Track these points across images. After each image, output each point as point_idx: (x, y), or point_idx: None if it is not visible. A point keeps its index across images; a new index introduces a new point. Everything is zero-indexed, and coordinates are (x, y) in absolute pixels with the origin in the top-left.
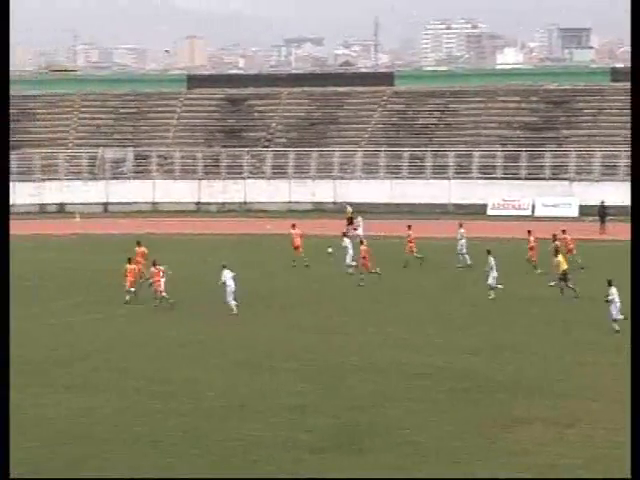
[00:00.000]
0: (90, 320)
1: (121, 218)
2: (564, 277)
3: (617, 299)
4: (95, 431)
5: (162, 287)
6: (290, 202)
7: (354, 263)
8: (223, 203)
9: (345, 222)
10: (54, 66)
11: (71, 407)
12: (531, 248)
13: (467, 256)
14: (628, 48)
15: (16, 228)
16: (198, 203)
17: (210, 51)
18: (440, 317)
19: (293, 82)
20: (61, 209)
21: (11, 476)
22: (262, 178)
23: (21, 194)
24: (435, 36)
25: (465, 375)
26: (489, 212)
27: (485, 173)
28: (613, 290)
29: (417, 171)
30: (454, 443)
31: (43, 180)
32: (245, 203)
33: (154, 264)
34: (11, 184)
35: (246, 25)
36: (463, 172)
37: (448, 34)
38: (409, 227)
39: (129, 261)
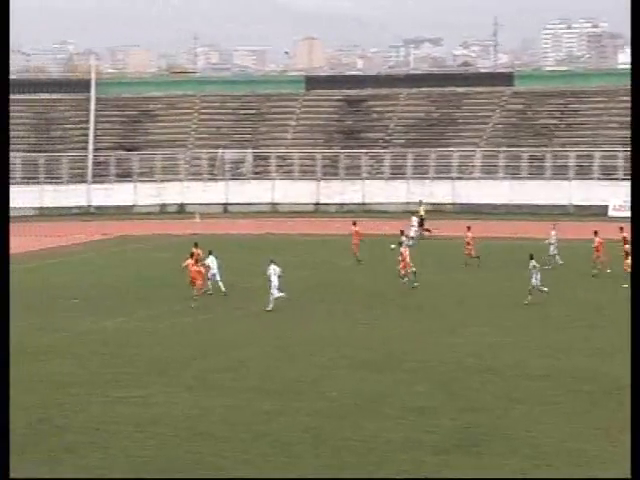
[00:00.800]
0: (206, 320)
1: (240, 219)
2: None
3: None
4: (214, 430)
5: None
6: (408, 203)
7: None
8: (341, 204)
9: (416, 221)
10: (175, 68)
11: (190, 406)
12: (596, 249)
13: (557, 257)
14: None
15: (137, 228)
16: (317, 204)
17: (329, 52)
18: (540, 319)
19: (412, 83)
20: (181, 209)
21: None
22: (380, 179)
23: (142, 194)
24: (555, 36)
25: (588, 377)
26: (610, 213)
27: (606, 174)
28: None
29: (537, 172)
30: (576, 446)
31: (163, 181)
32: (363, 204)
33: (196, 261)
34: (132, 184)
35: (365, 26)
36: (583, 173)
37: (568, 34)
38: (468, 228)
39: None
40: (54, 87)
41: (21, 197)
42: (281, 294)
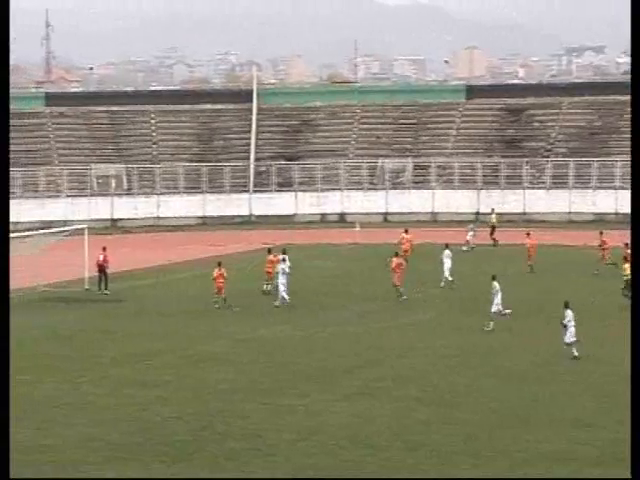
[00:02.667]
0: (368, 329)
1: (400, 228)
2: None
3: (572, 323)
4: (374, 439)
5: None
6: (570, 213)
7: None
8: (502, 213)
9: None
10: (335, 78)
11: (350, 414)
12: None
13: None
14: None
15: (298, 237)
16: (477, 213)
17: (490, 61)
18: None
19: (574, 91)
20: (341, 219)
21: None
22: (541, 188)
23: (303, 204)
24: None
25: None
26: None
27: None
28: (569, 313)
29: None
30: None
31: (324, 190)
32: (524, 213)
33: (219, 265)
34: (293, 194)
35: (526, 34)
36: None
37: None
38: (601, 233)
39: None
40: (217, 98)
41: (185, 206)
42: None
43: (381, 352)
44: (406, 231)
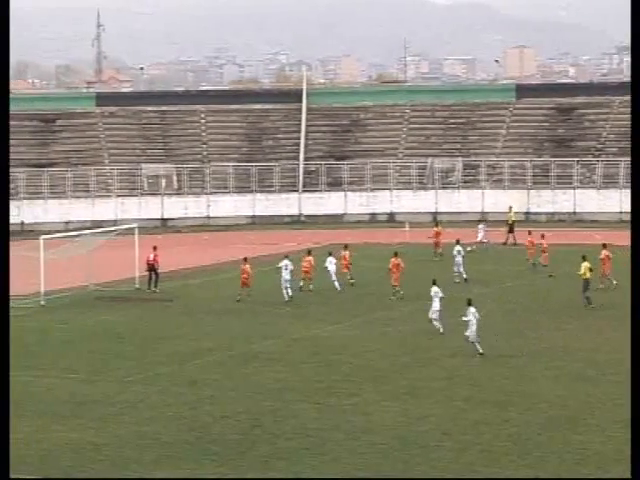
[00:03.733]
0: (418, 329)
1: (449, 227)
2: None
3: (474, 320)
4: (424, 439)
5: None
6: (621, 212)
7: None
8: (552, 213)
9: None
10: (385, 77)
11: (401, 414)
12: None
13: None
14: None
15: (347, 237)
16: (527, 213)
17: (540, 60)
18: None
19: (625, 90)
20: (391, 218)
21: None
22: (592, 188)
23: (352, 203)
24: None
25: None
26: None
27: None
28: (471, 310)
29: None
30: None
31: (373, 190)
32: (574, 213)
33: (245, 260)
34: (343, 193)
35: (577, 33)
36: None
37: None
38: (542, 236)
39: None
40: (266, 97)
41: (234, 206)
42: (287, 291)
43: (431, 352)
44: (436, 224)
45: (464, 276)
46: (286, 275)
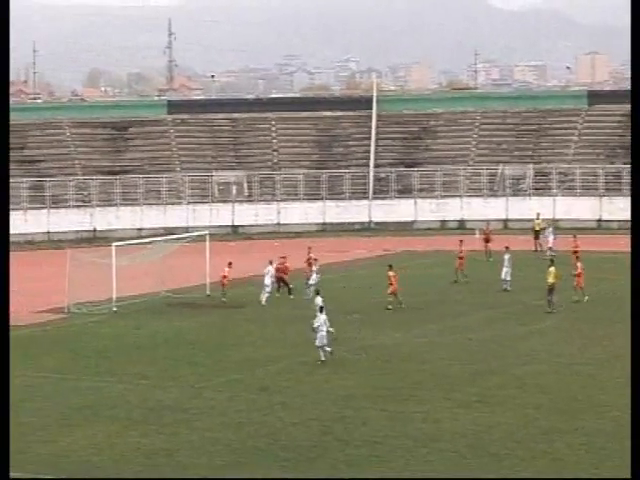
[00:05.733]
0: (489, 336)
1: (520, 234)
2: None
3: (324, 327)
4: (495, 447)
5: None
6: None
7: (508, 279)
8: (625, 220)
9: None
10: (455, 84)
11: (471, 422)
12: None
13: None
14: None
15: (418, 244)
16: (599, 220)
17: (612, 67)
18: None
19: None
20: (461, 225)
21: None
22: None
23: (423, 210)
24: None
25: None
26: None
27: None
28: (321, 317)
29: None
30: None
31: (444, 197)
32: None
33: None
34: (413, 200)
35: None
36: None
37: None
38: (460, 242)
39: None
40: (337, 105)
41: (304, 213)
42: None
43: (502, 359)
44: (486, 231)
45: (505, 286)
46: (267, 280)
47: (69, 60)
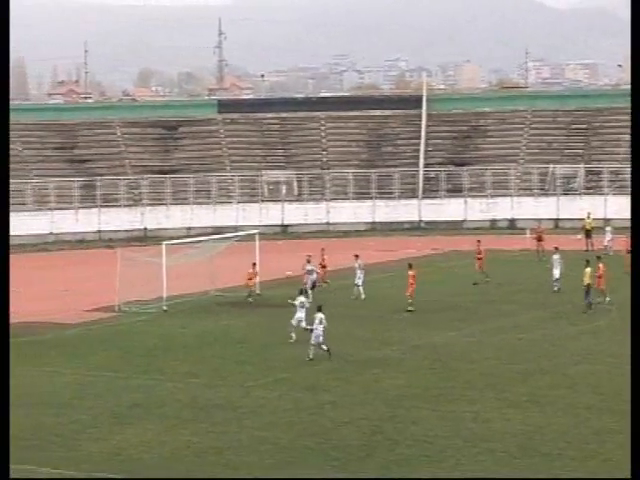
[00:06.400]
0: (538, 336)
1: (571, 234)
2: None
3: (321, 326)
4: (546, 447)
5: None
6: None
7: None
8: None
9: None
10: (505, 83)
11: (522, 422)
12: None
13: None
14: None
15: (467, 243)
16: None
17: None
18: None
19: None
20: (511, 225)
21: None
22: None
23: (473, 210)
24: None
25: None
26: None
27: None
28: (319, 315)
29: None
30: None
31: (494, 196)
32: None
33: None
34: (463, 200)
35: None
36: None
37: None
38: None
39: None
40: (386, 104)
41: (354, 212)
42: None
43: (554, 359)
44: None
45: (557, 285)
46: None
47: (120, 60)
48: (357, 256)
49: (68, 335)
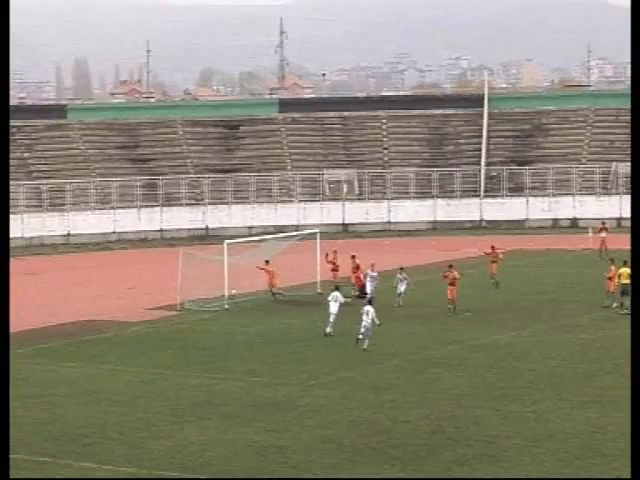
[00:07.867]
0: (600, 336)
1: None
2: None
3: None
4: (607, 448)
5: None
6: None
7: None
8: None
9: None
10: (568, 81)
11: (584, 422)
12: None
13: None
14: None
15: (529, 243)
16: None
17: None
18: None
19: None
20: (574, 224)
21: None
22: None
23: (534, 209)
24: None
25: None
26: None
27: None
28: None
29: None
30: None
31: (556, 195)
32: None
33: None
34: (524, 199)
35: None
36: None
37: None
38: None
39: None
40: (448, 103)
41: (415, 211)
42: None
43: (616, 359)
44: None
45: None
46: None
47: (182, 60)
48: (402, 269)
49: (130, 333)
